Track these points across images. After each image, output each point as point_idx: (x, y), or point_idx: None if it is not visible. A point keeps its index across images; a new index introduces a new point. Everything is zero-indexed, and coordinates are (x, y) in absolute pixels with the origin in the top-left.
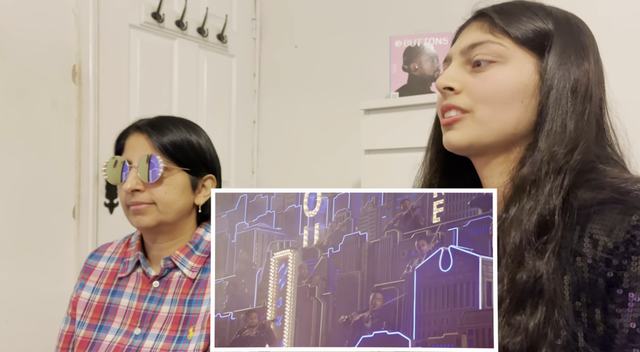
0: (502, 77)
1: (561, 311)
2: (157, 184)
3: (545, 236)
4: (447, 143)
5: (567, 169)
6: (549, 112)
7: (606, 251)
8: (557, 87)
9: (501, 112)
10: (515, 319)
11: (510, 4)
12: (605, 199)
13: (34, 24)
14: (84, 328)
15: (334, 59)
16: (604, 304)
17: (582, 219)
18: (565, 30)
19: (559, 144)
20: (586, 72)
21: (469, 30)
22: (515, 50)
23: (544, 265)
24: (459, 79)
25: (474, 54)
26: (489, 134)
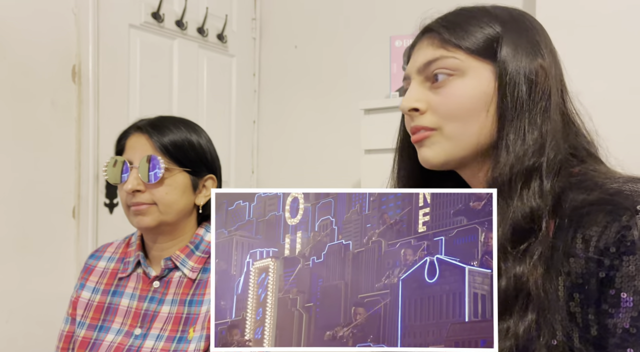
0: (463, 90)
1: (554, 313)
2: (158, 184)
3: (527, 241)
4: (423, 161)
5: (541, 170)
6: (507, 116)
7: (597, 251)
8: (511, 89)
9: (468, 126)
10: (504, 325)
11: (455, 14)
12: (596, 200)
13: (33, 24)
14: (84, 328)
15: (334, 59)
16: (597, 304)
17: (574, 221)
18: (512, 30)
19: (521, 146)
20: (541, 67)
21: (420, 47)
22: (470, 62)
23: (528, 269)
24: (422, 98)
25: (431, 70)
26: (461, 148)
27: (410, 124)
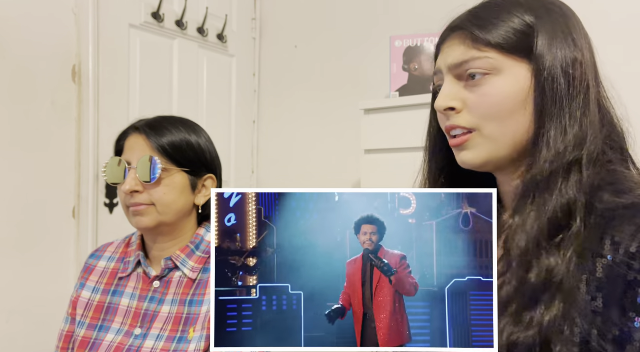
0: (500, 90)
1: (578, 309)
2: (156, 185)
3: (561, 234)
4: (462, 163)
5: (581, 163)
6: (547, 112)
7: (628, 254)
8: (549, 85)
9: (508, 125)
10: (528, 315)
11: (484, 8)
12: (629, 204)
13: (33, 24)
14: (84, 328)
15: (334, 59)
16: (621, 306)
17: (605, 222)
18: (546, 20)
19: (562, 142)
20: (577, 61)
21: (452, 44)
22: (504, 60)
23: (562, 261)
24: (457, 97)
25: (465, 69)
26: (502, 148)
27: (445, 123)
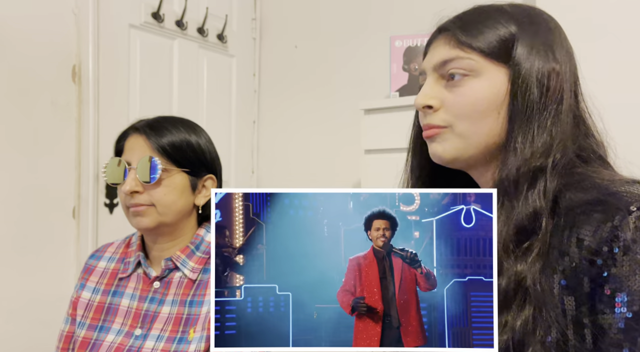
0: (477, 91)
1: (550, 310)
2: (156, 185)
3: (528, 241)
4: (433, 155)
5: (546, 171)
6: (517, 119)
7: (591, 251)
8: (523, 93)
9: (479, 125)
10: (501, 319)
11: (471, 14)
12: (592, 199)
13: (33, 24)
14: (85, 329)
15: (334, 59)
16: (591, 304)
17: (570, 220)
18: (528, 31)
19: (529, 147)
20: (553, 70)
21: (437, 45)
22: (485, 64)
23: (528, 267)
24: (436, 95)
25: (447, 69)
26: (470, 147)
27: (423, 121)
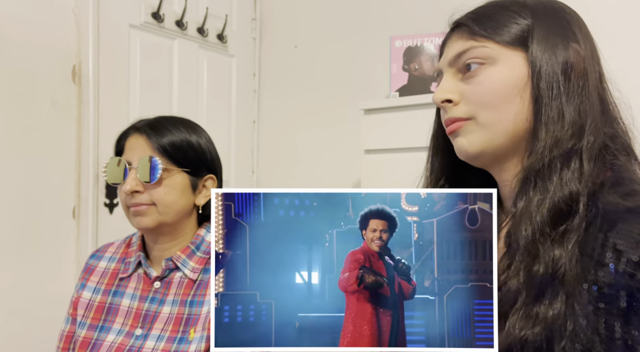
0: (495, 77)
1: (580, 310)
2: (157, 185)
3: (564, 224)
4: (459, 151)
5: (580, 152)
6: (543, 99)
7: (631, 264)
8: (546, 72)
9: (502, 112)
10: (534, 310)
11: (484, 7)
12: (633, 208)
13: (33, 24)
14: (85, 328)
15: (334, 59)
16: (625, 317)
17: (605, 224)
18: (544, 18)
19: (560, 128)
20: (576, 52)
21: (451, 42)
22: (501, 51)
23: (565, 253)
24: (454, 89)
25: (462, 61)
26: (497, 136)
27: (444, 117)
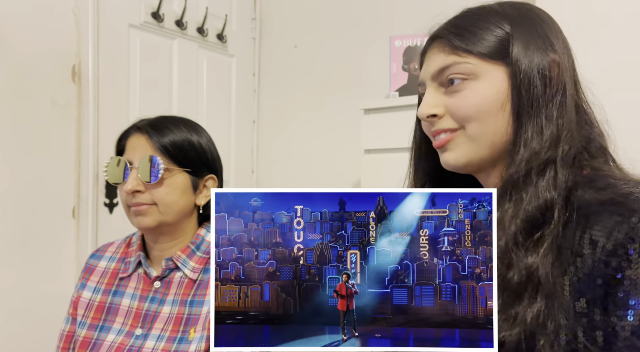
0: (478, 93)
1: (561, 307)
2: (158, 185)
3: (540, 232)
4: (445, 164)
5: (556, 162)
6: (523, 114)
7: (605, 252)
8: (526, 86)
9: (487, 126)
10: (513, 311)
11: (462, 18)
12: (606, 200)
13: (33, 24)
14: (85, 328)
15: (334, 59)
16: (604, 306)
17: (583, 220)
18: (522, 27)
19: (538, 140)
20: (554, 62)
21: (432, 54)
22: (483, 65)
23: (540, 259)
24: (439, 104)
25: (445, 76)
26: (483, 148)
27: (430, 129)
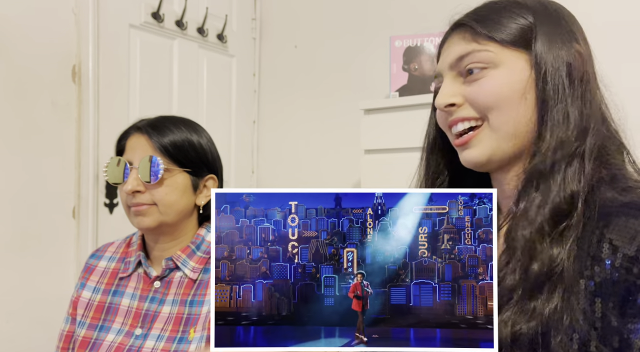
0: (498, 80)
1: (577, 306)
2: (158, 185)
3: (564, 223)
4: (466, 162)
5: (583, 154)
6: (549, 101)
7: (626, 258)
8: (552, 74)
9: (508, 114)
10: (530, 305)
11: (485, 8)
12: (628, 202)
13: (34, 24)
14: (85, 328)
15: (334, 59)
16: (621, 311)
17: (602, 220)
18: (545, 18)
19: (565, 130)
20: (578, 53)
21: (451, 43)
22: (503, 53)
23: (563, 251)
24: (457, 93)
25: (463, 65)
26: (505, 139)
27: (447, 120)
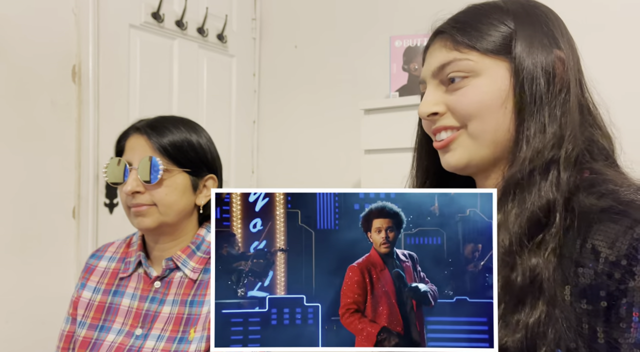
0: (479, 89)
1: (562, 315)
2: (158, 185)
3: (541, 233)
4: (446, 165)
5: (559, 163)
6: (526, 111)
7: (608, 263)
8: (529, 82)
9: (488, 123)
10: (514, 318)
11: (465, 13)
12: (607, 207)
13: (33, 24)
14: (85, 328)
15: (334, 59)
16: (606, 316)
17: (583, 226)
18: (526, 24)
19: (541, 140)
20: (558, 59)
21: (433, 50)
22: (484, 61)
23: (542, 261)
24: (439, 101)
25: (445, 73)
26: (483, 146)
27: (430, 128)
